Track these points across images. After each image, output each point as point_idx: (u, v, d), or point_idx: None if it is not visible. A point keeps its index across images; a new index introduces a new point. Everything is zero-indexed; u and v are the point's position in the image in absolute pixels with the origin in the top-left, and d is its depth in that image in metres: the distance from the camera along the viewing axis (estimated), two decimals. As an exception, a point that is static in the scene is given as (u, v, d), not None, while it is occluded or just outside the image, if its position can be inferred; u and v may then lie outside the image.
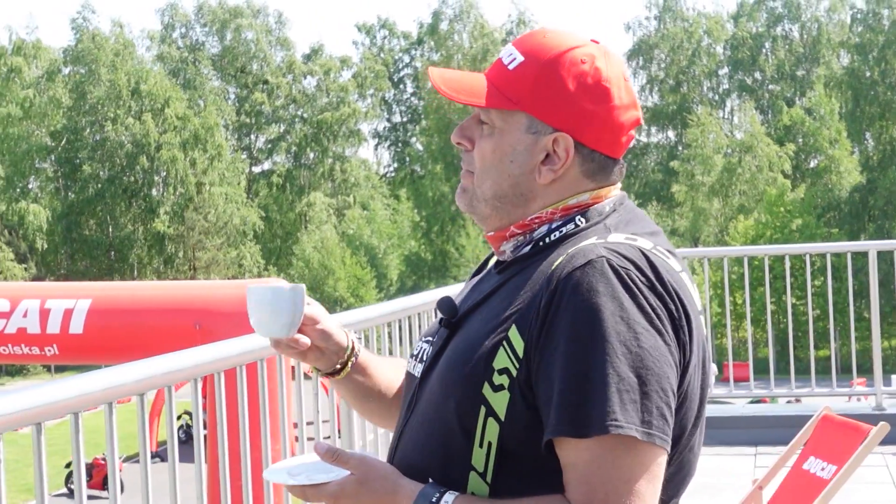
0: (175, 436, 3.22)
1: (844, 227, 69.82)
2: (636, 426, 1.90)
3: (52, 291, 14.02)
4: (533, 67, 2.16)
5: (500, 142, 2.18)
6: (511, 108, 2.17)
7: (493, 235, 2.25)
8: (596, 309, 1.94)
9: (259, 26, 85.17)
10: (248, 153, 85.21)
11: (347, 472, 2.06)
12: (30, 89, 74.65)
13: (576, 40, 2.20)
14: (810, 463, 6.22)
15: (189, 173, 72.61)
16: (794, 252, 11.00)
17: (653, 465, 1.93)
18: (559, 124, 2.15)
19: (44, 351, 13.16)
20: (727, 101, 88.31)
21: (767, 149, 73.38)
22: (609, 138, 2.17)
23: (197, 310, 12.63)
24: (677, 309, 2.02)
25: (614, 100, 2.16)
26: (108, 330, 12.91)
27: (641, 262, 2.02)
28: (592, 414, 1.90)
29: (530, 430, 1.98)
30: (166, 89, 73.98)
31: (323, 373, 2.54)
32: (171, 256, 73.74)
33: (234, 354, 3.50)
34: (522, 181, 2.18)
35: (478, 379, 2.03)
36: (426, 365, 2.23)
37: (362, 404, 2.59)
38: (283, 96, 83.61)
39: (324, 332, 2.45)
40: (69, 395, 2.62)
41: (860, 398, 12.64)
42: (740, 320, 48.26)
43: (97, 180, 74.23)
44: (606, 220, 2.16)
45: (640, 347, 1.93)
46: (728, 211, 73.58)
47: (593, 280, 1.96)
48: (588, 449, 1.91)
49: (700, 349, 2.08)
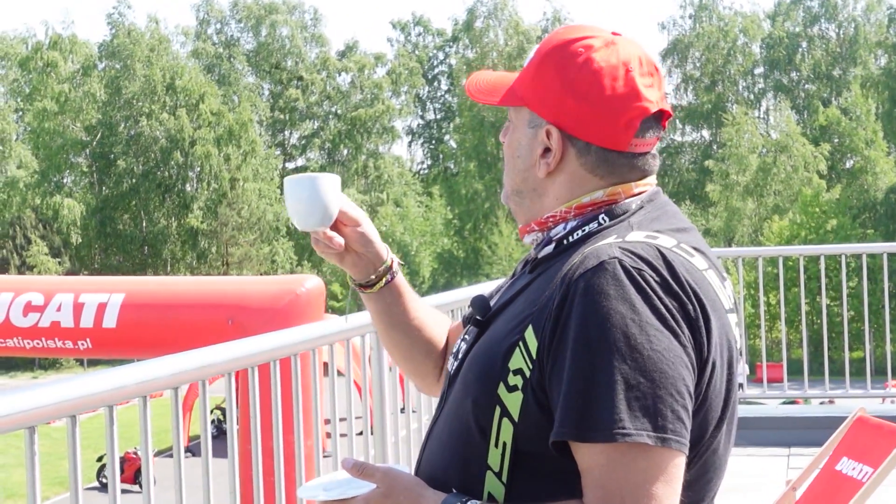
0: (209, 430, 3.22)
1: (880, 228, 69.40)
2: (648, 432, 1.86)
3: (85, 286, 14.10)
4: (534, 62, 2.18)
5: (512, 137, 2.23)
6: (516, 103, 2.20)
7: (521, 229, 2.28)
8: (605, 313, 1.91)
9: (294, 22, 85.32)
10: (282, 149, 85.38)
11: (374, 485, 2.08)
12: (65, 84, 74.99)
13: (583, 32, 2.18)
14: (843, 464, 6.18)
15: (223, 169, 72.80)
16: (830, 252, 10.94)
17: (669, 468, 1.88)
18: (549, 116, 2.14)
19: (77, 345, 13.24)
20: (762, 101, 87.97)
21: (803, 149, 73.04)
22: (605, 130, 2.11)
23: (230, 305, 12.68)
24: (694, 309, 1.97)
25: (605, 90, 2.10)
26: (141, 324, 12.96)
27: (657, 261, 1.98)
28: (599, 420, 1.87)
29: (543, 431, 1.96)
30: (201, 85, 74.21)
31: (356, 282, 2.55)
32: (204, 252, 73.94)
33: (268, 349, 3.50)
34: (529, 176, 2.20)
35: (494, 378, 2.02)
36: (458, 363, 2.22)
37: (387, 331, 2.60)
38: (318, 93, 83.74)
39: (363, 236, 2.48)
40: (104, 388, 2.62)
41: (894, 400, 12.54)
42: (774, 321, 48.09)
43: (131, 175, 74.53)
44: (631, 218, 2.12)
45: (654, 350, 1.89)
46: (762, 211, 73.28)
47: (603, 283, 1.93)
48: (602, 454, 1.88)
49: (724, 349, 2.04)
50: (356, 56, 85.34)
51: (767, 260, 11.69)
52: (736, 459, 8.36)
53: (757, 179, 73.81)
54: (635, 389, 1.87)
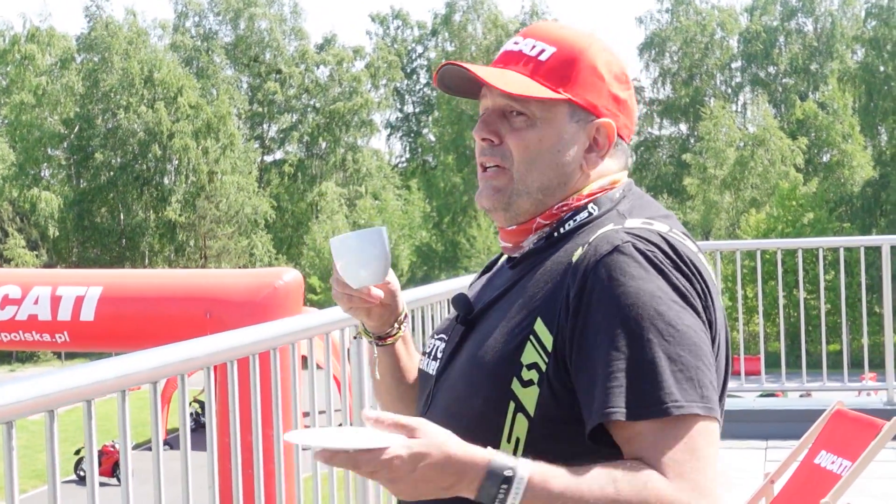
0: (187, 424, 3.22)
1: (856, 222, 69.64)
2: (697, 402, 1.93)
3: (63, 279, 14.04)
4: (570, 56, 2.19)
5: (546, 132, 2.18)
6: (557, 97, 2.17)
7: (516, 230, 2.24)
8: (635, 293, 1.95)
9: (273, 16, 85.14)
10: (261, 142, 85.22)
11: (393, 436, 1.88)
12: (43, 77, 74.73)
13: (588, 31, 2.26)
14: (822, 457, 6.21)
15: (201, 162, 72.63)
16: (807, 246, 10.98)
17: (713, 434, 1.96)
18: (600, 111, 2.19)
19: (55, 338, 13.19)
20: (740, 95, 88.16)
21: (780, 142, 73.24)
22: (631, 123, 2.26)
23: (208, 298, 12.64)
24: (702, 288, 2.04)
25: (630, 87, 2.26)
26: (118, 317, 12.92)
27: (663, 244, 2.04)
28: (650, 396, 1.91)
29: (561, 424, 2.00)
30: (179, 78, 74.00)
31: (371, 336, 2.48)
32: (182, 245, 73.79)
33: (248, 343, 3.50)
34: (569, 171, 2.19)
35: (506, 375, 2.03)
36: (442, 363, 2.23)
37: (397, 385, 2.50)
38: (296, 86, 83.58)
39: (391, 290, 2.43)
40: (83, 383, 2.61)
41: (871, 393, 12.60)
42: (751, 314, 48.21)
43: (109, 168, 74.29)
44: (618, 207, 2.18)
45: (685, 325, 1.96)
46: (740, 204, 73.46)
47: (625, 265, 1.98)
48: (652, 427, 1.92)
49: (724, 326, 2.11)
50: (335, 49, 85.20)
51: (745, 253, 11.72)
52: (714, 452, 8.28)
53: (734, 173, 73.99)
54: (678, 363, 1.93)
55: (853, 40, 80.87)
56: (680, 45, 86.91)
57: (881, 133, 78.59)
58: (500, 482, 1.86)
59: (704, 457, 1.92)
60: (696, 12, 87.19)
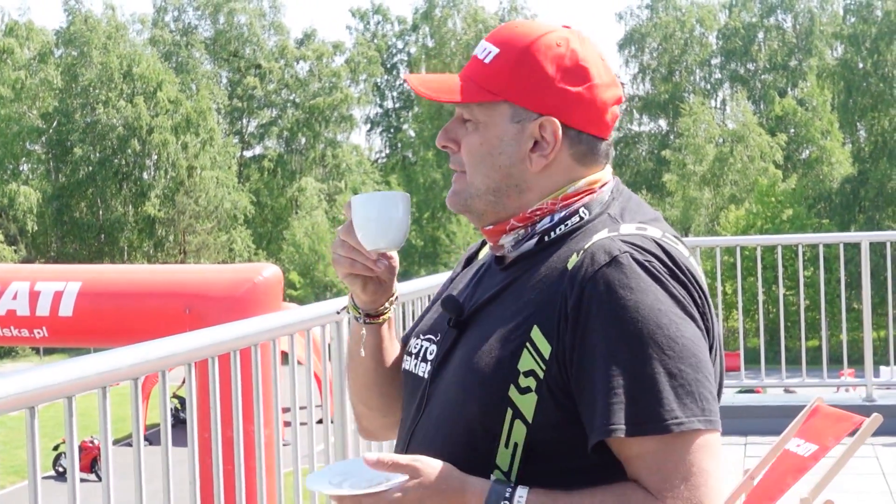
0: (168, 420, 3.22)
1: (835, 219, 69.89)
2: (698, 418, 1.95)
3: (41, 274, 14.01)
4: (510, 57, 2.17)
5: (486, 135, 2.18)
6: (493, 99, 2.17)
7: (491, 230, 2.24)
8: (634, 306, 1.96)
9: (252, 10, 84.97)
10: (240, 137, 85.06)
11: (402, 476, 1.99)
12: (21, 71, 74.41)
13: (548, 26, 2.21)
14: (791, 443, 6.25)
15: (180, 157, 72.45)
16: (787, 242, 11.02)
17: (715, 446, 1.99)
18: (543, 109, 2.15)
19: (33, 333, 13.16)
20: (719, 91, 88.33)
21: (759, 139, 73.40)
22: (594, 118, 2.18)
23: (187, 294, 12.63)
24: (699, 295, 2.06)
25: (594, 78, 2.17)
26: (97, 313, 12.90)
27: (659, 252, 2.05)
28: (651, 413, 1.94)
29: (560, 431, 2.01)
30: (158, 73, 73.78)
31: (360, 313, 2.45)
32: (161, 240, 73.64)
33: (229, 340, 3.50)
34: (514, 171, 2.18)
35: (503, 382, 2.03)
36: (434, 366, 2.23)
37: (376, 368, 2.49)
38: (276, 81, 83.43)
39: (391, 266, 2.40)
40: (64, 380, 2.60)
41: (849, 389, 12.65)
42: (730, 310, 48.35)
43: (88, 163, 74.03)
44: (609, 210, 2.18)
45: (685, 337, 1.97)
46: (719, 200, 73.62)
47: (623, 277, 1.98)
48: (654, 442, 1.94)
49: (718, 332, 2.14)
50: (314, 44, 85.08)
51: (724, 249, 11.75)
52: (693, 448, 8.32)
53: (714, 169, 74.13)
54: (678, 378, 1.95)
55: (832, 37, 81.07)
56: (659, 42, 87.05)
57: (860, 130, 78.85)
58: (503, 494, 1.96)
59: (704, 471, 1.96)
60: (676, 8, 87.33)
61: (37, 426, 2.54)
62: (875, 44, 74.29)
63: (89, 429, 26.77)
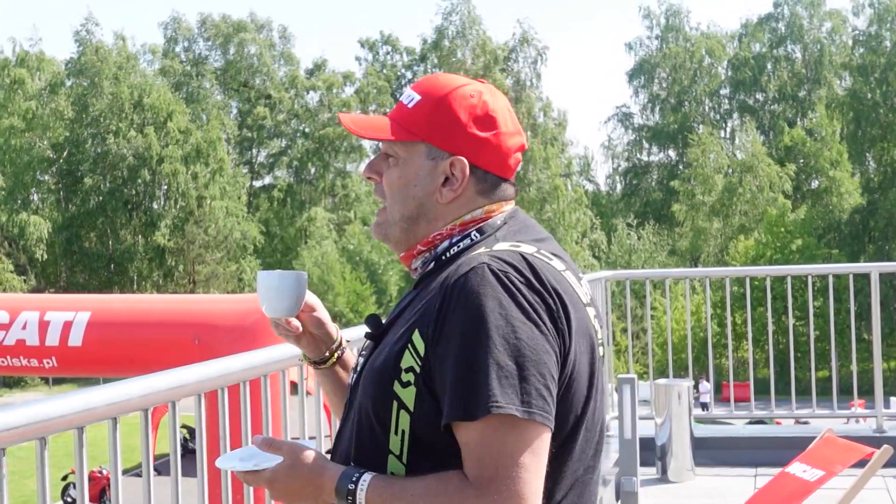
0: (178, 450, 3.22)
1: (844, 249, 69.75)
2: (515, 406, 2.18)
3: (51, 303, 14.03)
4: (429, 103, 2.50)
5: (404, 170, 2.51)
6: (412, 139, 2.49)
7: (405, 255, 2.58)
8: (479, 308, 2.24)
9: (262, 41, 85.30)
10: (250, 167, 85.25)
11: (280, 458, 2.35)
12: (32, 101, 74.66)
13: (465, 80, 2.55)
14: (794, 467, 6.24)
15: (190, 187, 72.57)
16: (796, 273, 11.02)
17: (535, 441, 2.21)
18: (455, 150, 2.48)
19: (42, 363, 13.17)
20: (728, 121, 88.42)
21: (768, 169, 73.44)
22: (499, 160, 2.51)
23: (196, 323, 12.64)
24: (555, 303, 2.31)
25: (501, 127, 2.50)
26: (107, 343, 12.91)
27: (521, 264, 2.32)
28: (478, 399, 2.19)
29: (435, 416, 2.27)
30: (169, 103, 73.99)
31: (310, 360, 2.82)
32: (170, 270, 73.66)
33: (238, 370, 3.52)
34: (426, 202, 2.50)
35: (389, 378, 2.33)
36: (357, 374, 2.53)
37: (339, 400, 2.80)
38: (286, 111, 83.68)
39: (318, 320, 2.76)
40: (74, 410, 2.61)
41: (859, 420, 12.60)
42: (740, 340, 48.29)
43: (98, 193, 74.19)
44: (497, 233, 2.48)
45: (518, 339, 2.22)
46: (728, 231, 73.61)
47: (475, 283, 2.27)
48: (477, 430, 2.19)
49: (584, 336, 2.37)
50: (325, 74, 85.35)
51: (734, 280, 11.76)
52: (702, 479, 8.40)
53: (723, 199, 74.18)
54: (504, 370, 2.20)
55: (841, 67, 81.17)
56: (669, 72, 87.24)
57: (869, 160, 78.75)
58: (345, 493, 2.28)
59: (520, 464, 2.18)
60: (685, 39, 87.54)
61: (47, 457, 2.54)
62: (884, 74, 74.27)
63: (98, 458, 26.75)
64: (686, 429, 9.01)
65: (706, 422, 11.03)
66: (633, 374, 8.39)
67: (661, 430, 9.04)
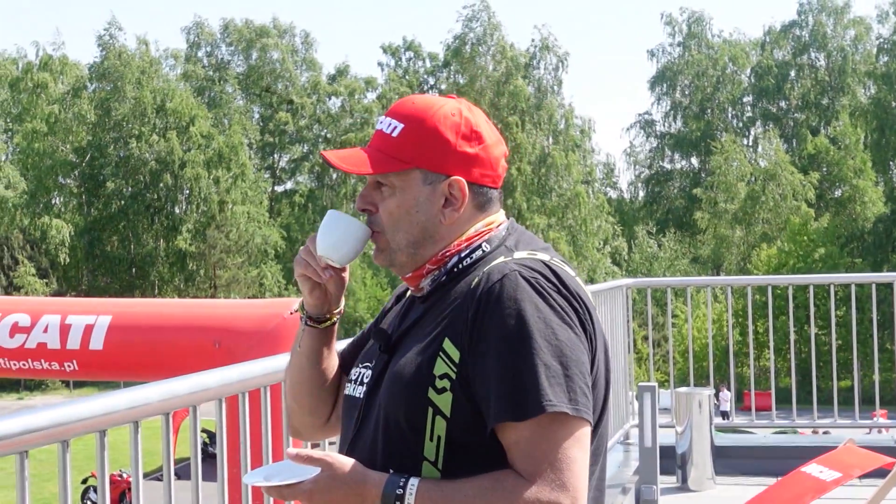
0: (198, 455, 3.23)
1: (868, 258, 69.47)
2: (565, 404, 2.28)
3: (72, 307, 14.06)
4: (414, 129, 2.54)
5: (402, 198, 2.55)
6: (405, 167, 2.53)
7: (411, 276, 2.61)
8: (519, 312, 2.33)
9: (285, 46, 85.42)
10: (272, 172, 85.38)
11: (318, 469, 2.33)
12: (55, 105, 74.87)
13: (441, 100, 2.60)
14: (811, 468, 6.22)
15: (212, 191, 72.70)
16: (819, 282, 10.98)
17: (582, 436, 2.32)
18: (449, 170, 2.54)
19: (63, 366, 13.20)
20: (751, 129, 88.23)
21: (791, 177, 73.25)
22: (490, 172, 2.58)
23: (217, 328, 12.66)
24: (580, 307, 2.42)
25: (486, 139, 2.58)
26: (127, 346, 12.93)
27: (545, 271, 2.43)
28: (529, 399, 2.27)
29: (473, 421, 2.34)
30: (191, 107, 74.14)
31: (308, 316, 2.77)
32: (192, 274, 73.77)
33: (259, 375, 3.53)
34: (429, 226, 2.55)
35: (422, 385, 2.38)
36: (369, 386, 2.56)
37: (309, 368, 2.80)
38: (308, 116, 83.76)
39: (342, 281, 2.75)
40: (96, 413, 2.62)
41: (882, 430, 12.55)
42: (762, 349, 48.13)
43: (120, 197, 74.37)
44: (506, 243, 2.56)
45: (559, 340, 2.33)
46: (751, 239, 73.42)
47: (511, 290, 2.36)
48: (528, 428, 2.28)
49: (602, 340, 2.49)
50: (347, 80, 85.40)
51: (756, 288, 11.71)
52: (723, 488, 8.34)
53: (745, 207, 74.00)
54: (551, 370, 2.30)
55: (865, 75, 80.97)
56: (691, 79, 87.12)
57: (893, 169, 78.56)
58: (393, 499, 2.30)
59: (571, 458, 2.29)
60: (708, 46, 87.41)
61: (69, 460, 2.55)
62: (908, 83, 74.05)
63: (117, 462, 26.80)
64: (707, 437, 8.98)
65: (727, 431, 10.99)
66: (653, 382, 8.37)
67: (681, 438, 9.02)
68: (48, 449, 2.56)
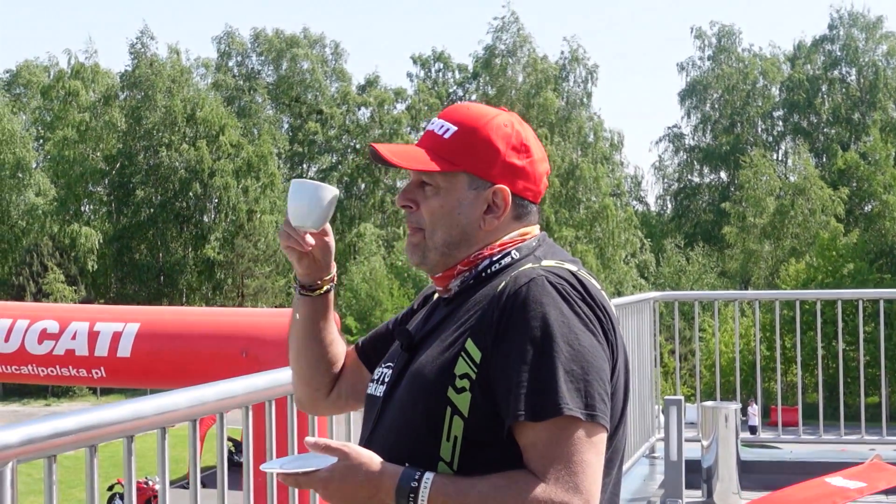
0: (225, 462, 3.24)
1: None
2: (580, 409, 2.32)
3: (101, 314, 14.09)
4: (466, 134, 2.60)
5: (446, 199, 2.61)
6: (454, 169, 2.59)
7: (441, 276, 2.66)
8: (544, 316, 2.37)
9: (315, 56, 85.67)
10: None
11: (334, 459, 2.36)
12: (86, 113, 75.26)
13: (495, 110, 2.66)
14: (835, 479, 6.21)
15: (241, 201, 72.93)
16: (848, 297, 10.93)
17: (597, 441, 2.35)
18: (495, 178, 2.60)
19: (91, 373, 13.22)
20: (781, 144, 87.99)
21: (821, 192, 72.94)
22: (533, 186, 2.65)
23: (244, 337, 12.66)
24: (604, 316, 2.46)
25: (534, 154, 2.64)
26: (155, 354, 12.94)
27: (571, 279, 2.46)
28: (547, 400, 2.31)
29: (490, 421, 2.38)
30: (221, 117, 74.42)
31: (301, 284, 2.90)
32: (220, 283, 73.99)
33: (285, 383, 3.52)
34: (469, 229, 2.61)
35: (442, 385, 2.42)
36: (389, 385, 2.60)
37: (305, 338, 2.92)
38: (337, 127, 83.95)
39: (327, 246, 2.85)
40: (124, 418, 2.64)
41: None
42: (789, 364, 47.95)
43: (149, 205, 74.68)
44: (535, 252, 2.61)
45: (581, 345, 2.37)
46: (779, 254, 73.13)
47: (537, 294, 2.40)
48: (545, 429, 2.31)
49: (623, 355, 2.52)
50: (376, 91, 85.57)
51: (784, 303, 11.68)
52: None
53: (774, 222, 73.72)
54: (571, 374, 2.33)
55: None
56: (721, 93, 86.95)
57: (923, 185, 78.10)
58: (408, 492, 2.32)
59: (585, 462, 2.31)
60: (738, 60, 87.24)
61: (96, 464, 2.56)
62: (939, 98, 73.75)
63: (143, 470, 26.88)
64: (733, 452, 8.95)
65: (754, 445, 10.96)
66: (680, 395, 8.35)
67: (707, 452, 8.99)
68: (74, 456, 2.58)
